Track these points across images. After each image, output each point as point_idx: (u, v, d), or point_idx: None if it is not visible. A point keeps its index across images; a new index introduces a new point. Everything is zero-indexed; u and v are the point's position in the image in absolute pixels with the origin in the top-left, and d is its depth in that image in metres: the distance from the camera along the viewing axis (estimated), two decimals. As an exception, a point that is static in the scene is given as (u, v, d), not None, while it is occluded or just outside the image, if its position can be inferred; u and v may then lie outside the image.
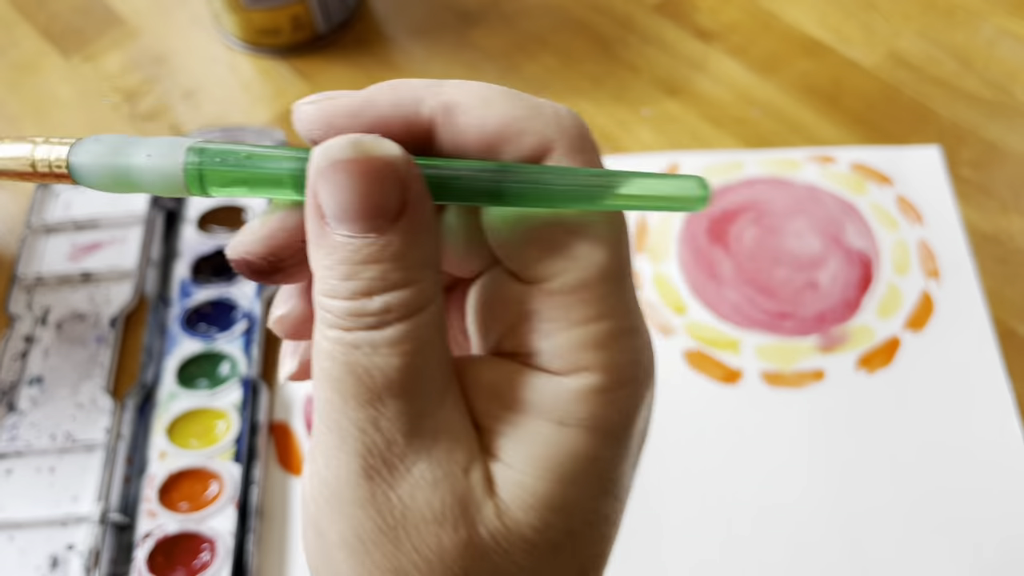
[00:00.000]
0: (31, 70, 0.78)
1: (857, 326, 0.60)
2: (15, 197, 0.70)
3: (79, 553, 0.54)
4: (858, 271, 0.62)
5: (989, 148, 0.67)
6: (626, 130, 0.70)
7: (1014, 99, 0.69)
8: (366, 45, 0.77)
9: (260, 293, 0.62)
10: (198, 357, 0.60)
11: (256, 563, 0.53)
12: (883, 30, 0.75)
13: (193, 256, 0.64)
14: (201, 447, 0.56)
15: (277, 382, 0.59)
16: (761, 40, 0.75)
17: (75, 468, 0.57)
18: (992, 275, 0.61)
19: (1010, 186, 0.65)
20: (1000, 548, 0.52)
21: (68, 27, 0.80)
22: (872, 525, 0.53)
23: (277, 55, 0.77)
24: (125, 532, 0.55)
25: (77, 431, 0.58)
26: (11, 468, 0.57)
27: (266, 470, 0.57)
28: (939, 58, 0.72)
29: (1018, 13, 0.74)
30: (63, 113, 0.74)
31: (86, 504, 0.55)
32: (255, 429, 0.57)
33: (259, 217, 0.28)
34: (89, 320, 0.62)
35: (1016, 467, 0.55)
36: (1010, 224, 0.63)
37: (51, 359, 0.61)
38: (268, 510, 0.55)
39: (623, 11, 0.77)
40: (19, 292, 0.64)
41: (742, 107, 0.71)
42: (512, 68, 0.75)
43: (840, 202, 0.65)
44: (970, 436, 0.56)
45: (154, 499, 0.54)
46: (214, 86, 0.75)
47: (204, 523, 0.54)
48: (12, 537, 0.54)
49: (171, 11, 0.81)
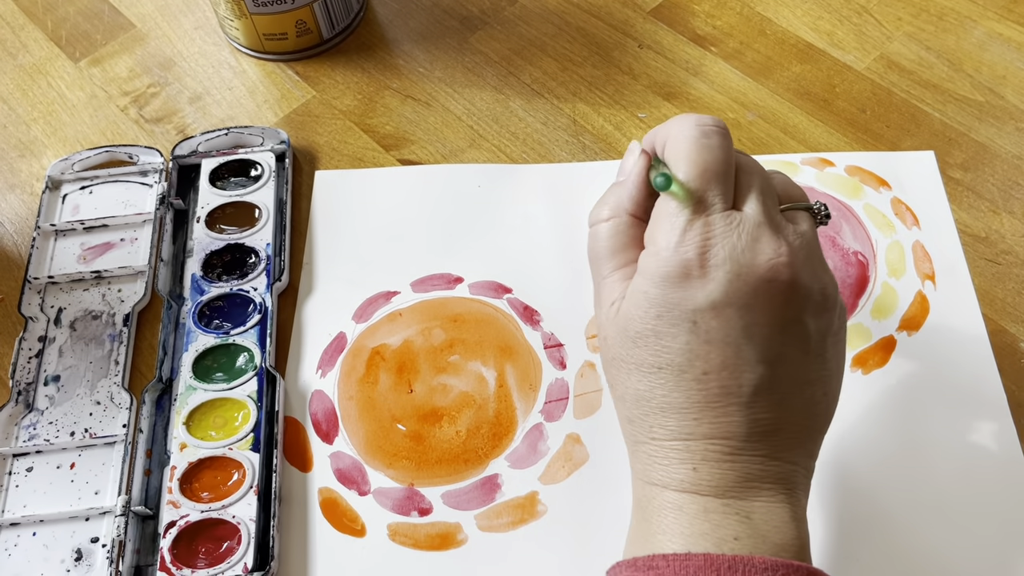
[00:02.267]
0: (40, 74, 0.79)
1: (853, 327, 0.61)
2: (24, 200, 0.71)
3: (103, 545, 0.55)
4: (855, 272, 0.63)
5: (980, 150, 0.69)
6: (623, 133, 0.71)
7: (1004, 101, 0.71)
8: (369, 49, 0.78)
9: (271, 286, 0.63)
10: (213, 350, 0.62)
11: (279, 547, 0.55)
12: (875, 34, 0.76)
13: (204, 253, 0.65)
14: (220, 438, 0.58)
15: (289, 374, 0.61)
16: (756, 45, 0.76)
17: (95, 464, 0.58)
18: (983, 275, 0.63)
19: (1000, 187, 0.67)
20: (996, 546, 0.53)
21: (76, 31, 0.81)
22: (868, 524, 0.54)
23: (282, 59, 0.78)
24: (148, 523, 0.56)
25: (96, 427, 0.59)
26: (32, 466, 0.58)
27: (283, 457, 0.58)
28: (930, 61, 0.74)
29: (1008, 16, 0.76)
30: (72, 116, 0.76)
31: (108, 498, 0.57)
32: (272, 418, 0.59)
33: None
34: (103, 319, 0.63)
35: (1011, 466, 0.55)
36: (1000, 225, 0.65)
37: (67, 358, 0.62)
38: (288, 495, 0.57)
39: (620, 17, 0.79)
40: (31, 294, 0.65)
41: (737, 110, 0.72)
42: (512, 72, 0.76)
43: (837, 205, 0.66)
44: (965, 436, 0.57)
45: (176, 490, 0.56)
46: (220, 90, 0.77)
47: (226, 511, 0.55)
48: (35, 533, 0.56)
49: (178, 16, 0.82)
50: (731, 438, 0.40)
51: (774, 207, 0.42)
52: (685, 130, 0.42)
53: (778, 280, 0.40)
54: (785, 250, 0.40)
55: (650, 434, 0.42)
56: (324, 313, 0.64)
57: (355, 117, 0.74)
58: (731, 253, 0.40)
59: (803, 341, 0.41)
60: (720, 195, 0.41)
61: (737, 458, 0.40)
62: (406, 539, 0.55)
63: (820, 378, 0.42)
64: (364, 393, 0.60)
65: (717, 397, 0.40)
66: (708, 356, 0.40)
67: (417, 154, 0.71)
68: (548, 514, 0.55)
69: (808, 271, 0.41)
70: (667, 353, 0.41)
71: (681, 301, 0.40)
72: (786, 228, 0.42)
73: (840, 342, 0.44)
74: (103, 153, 0.71)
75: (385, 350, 0.62)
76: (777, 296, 0.40)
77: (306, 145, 0.72)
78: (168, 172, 0.70)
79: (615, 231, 0.45)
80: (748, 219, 0.41)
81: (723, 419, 0.40)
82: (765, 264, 0.40)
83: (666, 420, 0.41)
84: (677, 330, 0.40)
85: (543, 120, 0.73)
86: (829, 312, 0.42)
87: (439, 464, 0.57)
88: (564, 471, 0.57)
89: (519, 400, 0.59)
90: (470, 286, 0.64)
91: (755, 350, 0.40)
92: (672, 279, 0.40)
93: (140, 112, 0.75)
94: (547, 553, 0.54)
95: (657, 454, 0.42)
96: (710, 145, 0.42)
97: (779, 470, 0.41)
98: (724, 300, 0.40)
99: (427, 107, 0.74)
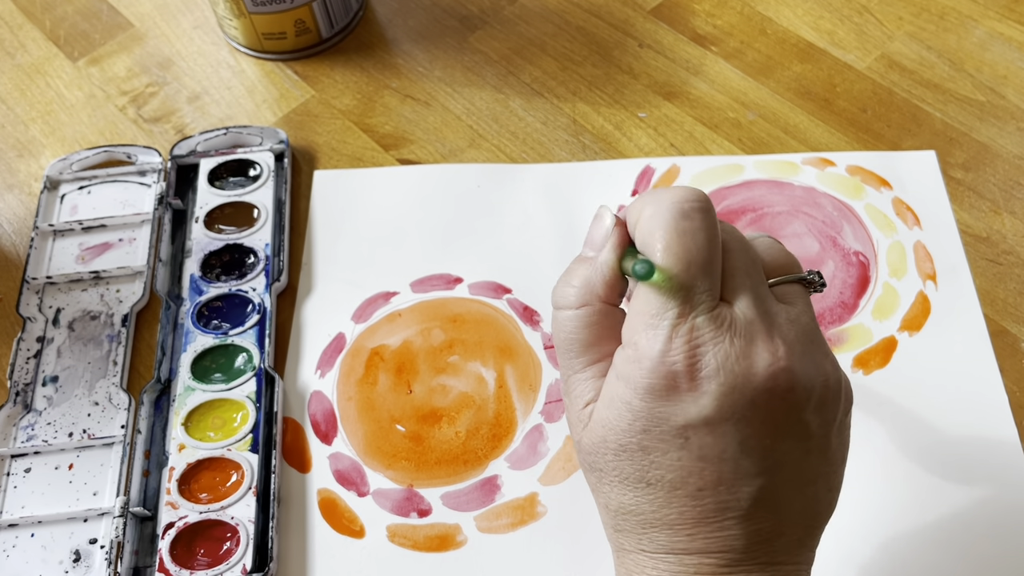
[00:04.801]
0: (38, 73, 0.79)
1: (854, 327, 0.61)
2: (22, 200, 0.71)
3: (102, 547, 0.55)
4: (856, 273, 0.63)
5: (981, 150, 0.68)
6: (623, 133, 0.71)
7: (1006, 101, 0.71)
8: (369, 49, 0.78)
9: (270, 287, 0.63)
10: (212, 351, 0.61)
11: (278, 548, 0.55)
12: (876, 33, 0.76)
13: (203, 253, 0.65)
14: (219, 439, 0.58)
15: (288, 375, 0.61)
16: (756, 44, 0.76)
17: (94, 464, 0.58)
18: (984, 275, 0.63)
19: (1001, 187, 0.66)
20: (996, 546, 0.53)
21: (74, 31, 0.81)
22: (867, 524, 0.54)
23: (281, 59, 0.78)
24: (147, 524, 0.56)
25: (94, 428, 0.59)
26: (30, 466, 0.58)
27: (281, 458, 0.58)
28: (931, 61, 0.74)
29: (1009, 16, 0.76)
30: (70, 116, 0.75)
31: (107, 499, 0.56)
32: (271, 419, 0.59)
33: None
34: (101, 319, 0.63)
35: (1012, 467, 0.55)
36: (1002, 225, 0.65)
37: (65, 359, 0.62)
38: (287, 496, 0.57)
39: (621, 16, 0.79)
40: (30, 294, 0.65)
41: (738, 110, 0.72)
42: (512, 72, 0.76)
43: (838, 204, 0.66)
44: (966, 436, 0.56)
45: (175, 491, 0.56)
46: (219, 89, 0.76)
47: (225, 512, 0.55)
48: (34, 534, 0.55)
49: (176, 15, 0.82)
50: (728, 551, 0.37)
51: (765, 293, 0.39)
52: (662, 211, 0.37)
53: (778, 388, 0.36)
54: (783, 352, 0.36)
55: (639, 546, 0.39)
56: (323, 313, 0.64)
57: (354, 117, 0.74)
58: (724, 363, 0.36)
59: (804, 440, 0.38)
60: (707, 291, 0.37)
61: (735, 570, 0.38)
62: (405, 540, 0.55)
63: (823, 474, 0.39)
64: (363, 394, 0.60)
65: (713, 513, 0.37)
66: (702, 473, 0.37)
67: (416, 154, 0.71)
68: (548, 515, 0.55)
69: (809, 366, 0.37)
70: (656, 469, 0.37)
71: (670, 416, 0.36)
72: (779, 318, 0.38)
73: (845, 428, 0.40)
74: (101, 153, 0.71)
75: (384, 351, 0.62)
76: (777, 404, 0.36)
77: (305, 145, 0.72)
78: (167, 172, 0.70)
79: (587, 322, 0.40)
80: (739, 319, 0.37)
81: (719, 534, 0.37)
82: (763, 373, 0.36)
83: (656, 535, 0.38)
84: (667, 446, 0.37)
85: (543, 120, 0.72)
86: (833, 403, 0.38)
87: (438, 465, 0.57)
88: (564, 472, 0.57)
89: (519, 401, 0.59)
90: (470, 286, 0.64)
91: (753, 463, 0.37)
92: (658, 392, 0.36)
93: (139, 112, 0.75)
94: (547, 554, 0.54)
95: (646, 564, 0.39)
96: (693, 229, 0.37)
97: (779, 574, 0.38)
98: (719, 416, 0.36)
99: (426, 107, 0.74)
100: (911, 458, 0.56)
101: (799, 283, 0.40)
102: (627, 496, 0.39)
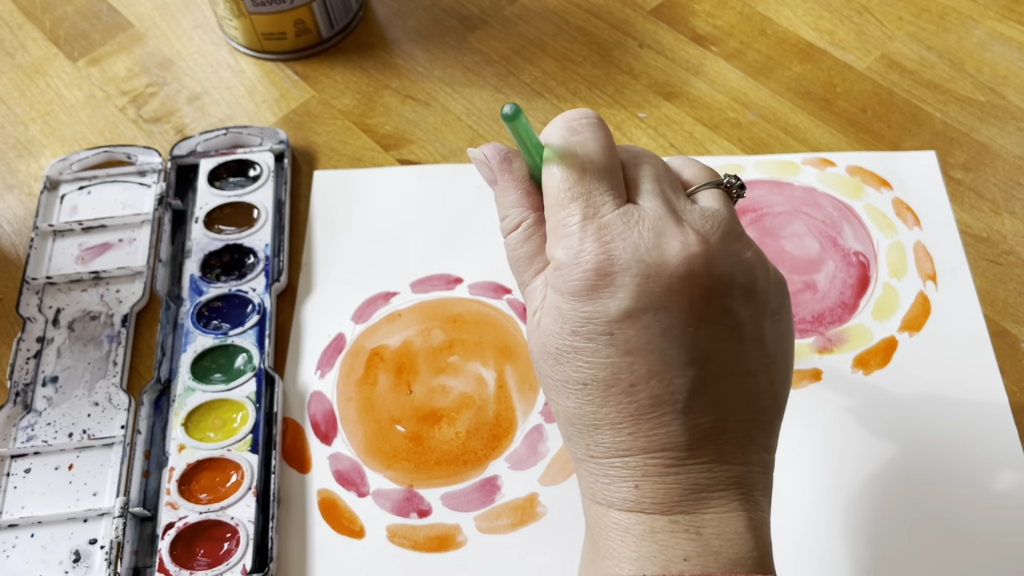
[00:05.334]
0: (38, 73, 0.79)
1: (855, 327, 0.61)
2: (22, 201, 0.70)
3: (102, 547, 0.55)
4: (856, 273, 0.63)
5: (981, 150, 0.68)
6: (624, 133, 0.71)
7: (1006, 101, 0.71)
8: (368, 49, 0.78)
9: (269, 287, 0.63)
10: (212, 351, 0.61)
11: (278, 549, 0.55)
12: (876, 34, 0.76)
13: (202, 253, 0.65)
14: (219, 439, 0.58)
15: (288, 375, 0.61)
16: (756, 44, 0.76)
17: (94, 465, 0.58)
18: (984, 275, 0.63)
19: (1002, 187, 0.66)
20: (996, 545, 0.53)
21: (74, 31, 0.81)
22: (867, 523, 0.54)
23: (281, 59, 0.78)
24: (147, 525, 0.56)
25: (94, 428, 0.59)
26: (30, 467, 0.58)
27: (281, 458, 0.58)
28: (931, 61, 0.74)
29: (1009, 16, 0.76)
30: (70, 116, 0.75)
31: (106, 499, 0.56)
32: (271, 419, 0.59)
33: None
34: (101, 319, 0.63)
35: (1012, 467, 0.55)
36: (1002, 225, 0.65)
37: (65, 359, 0.62)
38: (286, 497, 0.57)
39: (621, 16, 0.79)
40: (29, 294, 0.65)
41: (738, 110, 0.72)
42: (512, 72, 0.76)
43: (838, 205, 0.66)
44: (967, 437, 0.56)
45: (174, 491, 0.56)
46: (219, 89, 0.76)
47: (225, 512, 0.55)
48: (34, 534, 0.55)
49: (176, 15, 0.82)
50: (671, 449, 0.38)
51: (675, 193, 0.40)
52: (553, 130, 0.40)
53: (693, 273, 0.37)
54: (695, 239, 0.37)
55: (588, 452, 0.40)
56: (323, 314, 0.64)
57: (354, 117, 0.74)
58: (635, 254, 0.37)
59: (734, 330, 0.38)
60: (608, 191, 0.38)
61: (681, 469, 0.38)
62: (405, 541, 0.55)
63: (761, 367, 0.39)
64: (363, 394, 0.60)
65: (649, 408, 0.38)
66: (632, 367, 0.37)
67: (416, 154, 0.71)
68: (548, 516, 0.55)
69: (725, 254, 0.38)
70: (589, 368, 0.38)
71: (593, 314, 0.37)
72: (692, 212, 0.39)
73: (780, 321, 0.41)
74: (101, 153, 0.71)
75: (384, 351, 0.62)
76: (695, 291, 0.37)
77: (305, 145, 0.72)
78: (166, 172, 0.70)
79: (526, 236, 0.42)
80: (647, 212, 0.38)
81: (660, 430, 0.38)
82: (675, 259, 0.37)
83: (600, 437, 0.39)
84: (596, 344, 0.38)
85: (543, 120, 0.72)
86: (760, 293, 0.39)
87: (438, 465, 0.57)
88: (564, 472, 0.57)
89: (519, 401, 0.59)
90: (470, 287, 0.64)
91: (681, 352, 0.37)
92: (579, 293, 0.37)
93: (138, 112, 0.75)
94: (547, 555, 0.54)
95: (597, 472, 0.39)
96: (583, 141, 0.39)
97: (729, 474, 0.38)
98: (637, 306, 0.37)
99: (426, 107, 0.74)
100: (911, 458, 0.56)
101: (717, 188, 0.41)
102: (570, 400, 0.39)
